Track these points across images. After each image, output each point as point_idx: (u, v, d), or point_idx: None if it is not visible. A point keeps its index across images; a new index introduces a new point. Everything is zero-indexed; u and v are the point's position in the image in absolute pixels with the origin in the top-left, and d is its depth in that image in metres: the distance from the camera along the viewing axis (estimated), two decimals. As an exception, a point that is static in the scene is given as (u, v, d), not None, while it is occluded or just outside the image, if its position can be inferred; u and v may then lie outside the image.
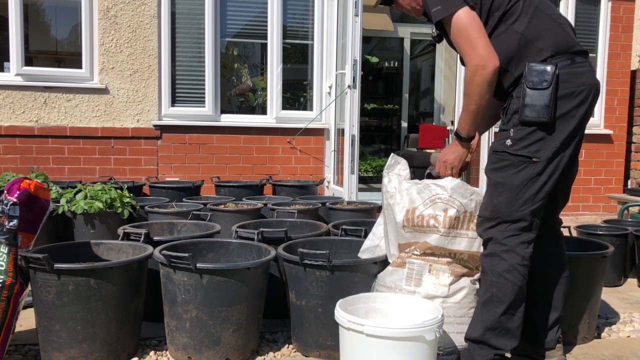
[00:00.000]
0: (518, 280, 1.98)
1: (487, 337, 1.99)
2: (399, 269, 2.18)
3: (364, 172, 7.40)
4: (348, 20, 4.68)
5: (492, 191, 2.03)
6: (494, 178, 2.02)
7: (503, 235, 1.99)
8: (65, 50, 5.43)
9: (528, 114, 1.93)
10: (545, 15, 2.01)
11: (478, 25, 1.96)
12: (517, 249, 1.98)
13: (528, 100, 1.93)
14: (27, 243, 2.16)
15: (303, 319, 2.27)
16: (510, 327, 2.01)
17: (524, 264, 1.99)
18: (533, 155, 1.95)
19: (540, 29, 1.99)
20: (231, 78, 5.69)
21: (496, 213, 2.00)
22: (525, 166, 1.96)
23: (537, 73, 1.93)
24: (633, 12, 5.89)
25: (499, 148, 2.01)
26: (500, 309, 1.98)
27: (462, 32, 1.96)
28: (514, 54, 1.99)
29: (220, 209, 3.46)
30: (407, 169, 2.28)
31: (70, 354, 2.07)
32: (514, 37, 1.99)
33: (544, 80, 1.91)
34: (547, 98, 1.90)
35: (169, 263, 2.11)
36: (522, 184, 1.96)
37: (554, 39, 1.99)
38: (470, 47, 1.95)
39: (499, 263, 1.99)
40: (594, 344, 2.50)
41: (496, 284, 1.99)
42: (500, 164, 2.01)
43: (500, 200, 1.99)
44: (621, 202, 5.61)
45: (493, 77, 1.94)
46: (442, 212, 2.12)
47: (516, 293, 1.98)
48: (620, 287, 3.48)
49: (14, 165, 4.84)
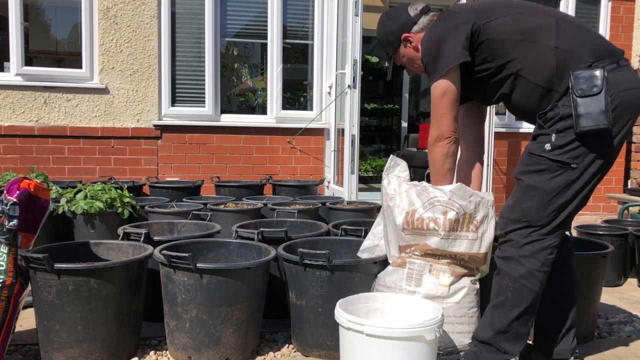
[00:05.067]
0: (535, 286, 1.93)
1: (497, 340, 1.96)
2: (399, 269, 2.18)
3: (364, 172, 7.40)
4: (348, 20, 4.68)
5: (522, 194, 1.95)
6: (527, 181, 1.95)
7: (525, 240, 1.93)
8: (65, 50, 5.43)
9: (585, 124, 1.81)
10: (571, 25, 1.96)
11: (450, 99, 2.01)
12: (538, 255, 1.92)
13: (581, 110, 1.82)
14: (27, 243, 2.16)
15: (303, 319, 2.27)
16: (522, 332, 1.97)
17: (543, 270, 1.93)
18: (572, 161, 1.87)
19: (573, 39, 1.92)
20: (231, 78, 5.69)
21: (525, 217, 1.93)
22: (562, 172, 1.88)
23: (584, 80, 1.84)
24: (633, 12, 5.90)
25: (537, 151, 1.93)
26: (514, 314, 1.94)
27: (434, 102, 2.05)
28: (553, 69, 1.90)
29: (220, 209, 3.46)
30: (407, 170, 2.27)
31: (71, 354, 2.07)
32: (548, 53, 1.91)
33: (594, 86, 1.82)
34: (602, 103, 1.80)
35: (169, 263, 2.11)
36: (557, 190, 1.89)
37: (590, 45, 1.92)
38: (436, 119, 2.06)
39: (517, 268, 1.93)
40: (594, 343, 2.50)
41: (511, 288, 1.94)
42: (535, 167, 1.93)
43: (531, 204, 1.92)
44: (621, 202, 5.61)
45: (450, 150, 2.07)
46: (442, 215, 2.11)
47: (532, 299, 1.94)
48: (620, 287, 3.48)
49: (14, 165, 4.84)
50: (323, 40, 5.41)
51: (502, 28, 1.96)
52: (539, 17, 1.96)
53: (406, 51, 2.23)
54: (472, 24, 1.97)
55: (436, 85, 2.01)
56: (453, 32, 1.98)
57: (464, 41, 1.96)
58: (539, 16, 1.97)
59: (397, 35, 2.21)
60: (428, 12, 2.19)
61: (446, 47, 1.98)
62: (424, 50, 2.09)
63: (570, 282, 2.14)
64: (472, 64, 2.01)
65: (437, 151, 2.08)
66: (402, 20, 2.19)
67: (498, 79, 2.01)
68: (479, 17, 1.98)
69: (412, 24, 2.18)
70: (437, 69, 2.00)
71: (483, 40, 1.97)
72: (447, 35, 1.99)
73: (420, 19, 2.17)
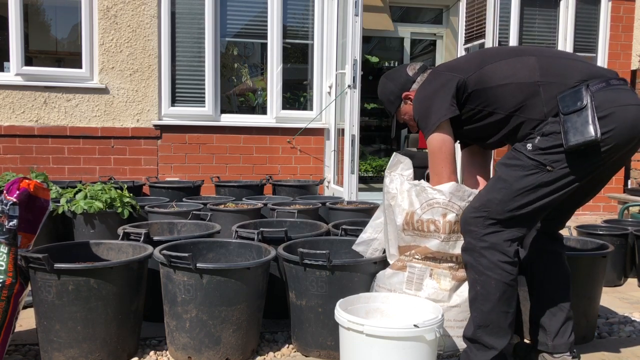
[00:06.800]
0: (502, 277, 1.93)
1: (478, 335, 1.97)
2: (400, 272, 2.17)
3: (364, 172, 7.40)
4: (348, 20, 4.68)
5: (493, 184, 1.99)
6: (499, 172, 1.99)
7: (484, 231, 1.95)
8: (65, 50, 5.43)
9: (572, 139, 1.82)
10: (552, 58, 2.01)
11: (447, 151, 2.08)
12: (499, 246, 1.94)
13: (568, 125, 1.84)
14: (27, 243, 2.16)
15: (303, 319, 2.27)
16: (503, 325, 1.97)
17: (507, 261, 1.94)
18: (549, 164, 1.88)
19: (556, 70, 1.96)
20: (231, 78, 5.70)
21: (485, 207, 1.96)
22: (536, 172, 1.90)
23: (569, 97, 1.87)
24: (633, 12, 5.90)
25: (518, 147, 1.97)
26: (487, 307, 1.95)
27: (432, 155, 2.12)
28: (542, 102, 1.93)
29: (220, 209, 3.46)
30: (410, 168, 2.24)
31: (70, 354, 2.07)
32: (535, 88, 1.94)
33: (578, 100, 1.85)
34: (587, 116, 1.81)
35: (169, 263, 2.11)
36: (525, 188, 1.91)
37: (576, 71, 1.94)
38: (435, 173, 2.14)
39: (480, 260, 1.95)
40: (594, 343, 2.50)
41: (479, 281, 1.96)
42: (511, 161, 1.96)
43: (496, 196, 1.95)
44: (621, 202, 5.61)
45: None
46: (441, 217, 2.09)
47: (502, 290, 1.94)
48: (620, 287, 3.48)
49: (14, 165, 4.84)
50: (323, 40, 5.41)
51: (486, 77, 2.02)
52: (518, 58, 2.03)
53: (407, 108, 2.31)
54: (457, 81, 2.05)
55: (431, 139, 2.09)
56: (440, 91, 2.07)
57: (450, 99, 2.04)
58: (519, 58, 2.03)
59: (398, 94, 2.30)
60: (425, 70, 2.28)
61: (435, 106, 2.07)
62: (415, 110, 2.19)
63: (563, 276, 2.16)
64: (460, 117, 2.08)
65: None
66: (402, 80, 2.29)
67: (494, 123, 2.06)
68: (463, 72, 2.06)
69: (412, 82, 2.27)
70: (428, 126, 2.09)
71: (470, 92, 2.04)
72: (434, 95, 2.09)
73: (418, 77, 2.27)
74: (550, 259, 2.17)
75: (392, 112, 2.39)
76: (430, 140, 2.09)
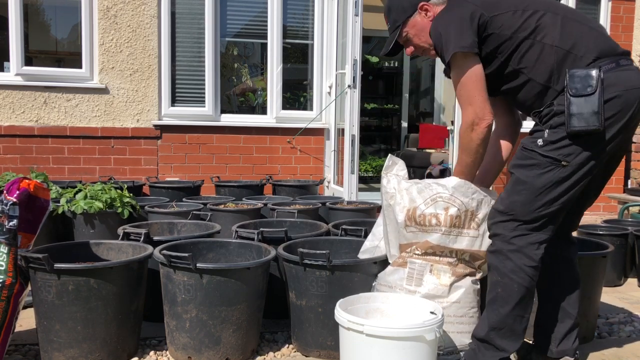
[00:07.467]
0: (525, 281, 1.92)
1: (491, 336, 1.96)
2: (400, 269, 2.18)
3: (364, 172, 7.40)
4: (348, 20, 4.68)
5: (512, 187, 1.95)
6: (517, 174, 1.95)
7: (512, 234, 1.93)
8: (65, 50, 5.43)
9: (576, 124, 1.81)
10: (575, 22, 1.95)
11: (478, 78, 1.95)
12: (526, 250, 1.92)
13: (574, 109, 1.81)
14: (27, 243, 2.16)
15: (303, 319, 2.27)
16: (517, 329, 1.96)
17: (532, 266, 1.92)
18: (563, 159, 1.86)
19: (574, 37, 1.91)
20: (231, 78, 5.69)
21: (510, 210, 1.93)
22: (552, 168, 1.87)
23: (579, 79, 1.83)
24: (633, 12, 5.90)
25: (529, 146, 1.93)
26: (505, 310, 1.93)
27: (462, 85, 1.98)
28: (553, 68, 1.91)
29: (220, 209, 3.46)
30: (405, 169, 2.27)
31: (70, 354, 2.07)
32: (549, 51, 1.91)
33: (588, 86, 1.81)
34: (595, 104, 1.79)
35: (169, 263, 2.11)
36: (545, 186, 1.88)
37: (592, 43, 1.90)
38: (468, 101, 1.98)
39: (505, 262, 1.93)
40: (594, 343, 2.50)
41: (501, 283, 1.94)
42: (526, 162, 1.92)
43: (518, 198, 1.92)
44: (621, 202, 5.61)
45: (487, 134, 1.99)
46: (443, 211, 2.11)
47: (522, 294, 1.92)
48: (620, 287, 3.48)
49: (14, 165, 4.84)
50: (323, 40, 5.41)
51: (506, 23, 1.95)
52: (544, 13, 1.96)
53: (419, 21, 2.14)
54: (480, 16, 1.95)
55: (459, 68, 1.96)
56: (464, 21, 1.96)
57: (472, 35, 1.94)
58: (544, 12, 1.96)
59: (415, 2, 2.13)
60: None
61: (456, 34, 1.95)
62: (435, 34, 2.04)
63: (573, 282, 2.14)
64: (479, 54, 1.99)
65: (473, 136, 1.99)
66: None
67: (501, 74, 2.02)
68: (487, 8, 1.97)
69: None
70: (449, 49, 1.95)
71: (489, 33, 1.96)
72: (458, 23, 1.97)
73: None
74: (562, 265, 2.14)
75: (398, 22, 2.17)
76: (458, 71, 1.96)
